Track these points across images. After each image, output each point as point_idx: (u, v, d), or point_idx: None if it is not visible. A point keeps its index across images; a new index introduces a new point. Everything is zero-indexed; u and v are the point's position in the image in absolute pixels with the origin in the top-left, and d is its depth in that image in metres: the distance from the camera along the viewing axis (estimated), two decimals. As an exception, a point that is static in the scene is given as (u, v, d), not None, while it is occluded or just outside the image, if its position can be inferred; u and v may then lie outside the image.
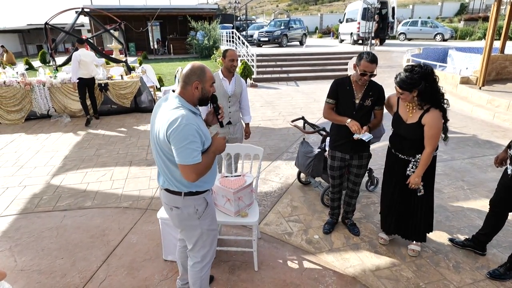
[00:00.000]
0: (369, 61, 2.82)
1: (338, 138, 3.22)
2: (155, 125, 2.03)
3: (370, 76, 2.88)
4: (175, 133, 1.88)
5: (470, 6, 41.51)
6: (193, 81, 2.02)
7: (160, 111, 2.03)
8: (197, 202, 2.16)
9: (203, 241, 2.26)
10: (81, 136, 6.80)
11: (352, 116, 3.02)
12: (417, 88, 2.61)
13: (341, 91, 3.08)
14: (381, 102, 3.08)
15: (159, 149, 2.03)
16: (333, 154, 3.30)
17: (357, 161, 3.24)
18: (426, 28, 24.03)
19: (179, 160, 1.92)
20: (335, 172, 3.35)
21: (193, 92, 2.03)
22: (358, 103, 3.03)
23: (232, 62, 3.65)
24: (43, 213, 3.97)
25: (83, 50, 7.24)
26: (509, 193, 2.81)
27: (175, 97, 2.03)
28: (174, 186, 2.10)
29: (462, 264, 3.06)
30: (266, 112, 8.55)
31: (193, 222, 2.19)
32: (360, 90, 3.03)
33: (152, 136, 2.09)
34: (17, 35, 29.66)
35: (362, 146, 3.15)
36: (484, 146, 6.03)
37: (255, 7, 77.09)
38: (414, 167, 2.88)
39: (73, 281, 2.89)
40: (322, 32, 35.67)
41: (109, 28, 12.03)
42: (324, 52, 16.15)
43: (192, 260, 2.33)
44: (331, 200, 3.58)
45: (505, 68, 10.30)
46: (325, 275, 2.94)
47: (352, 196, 3.49)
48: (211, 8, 26.73)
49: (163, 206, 2.25)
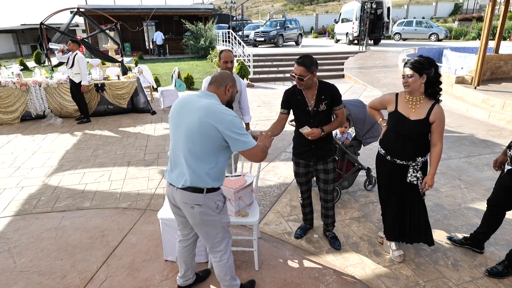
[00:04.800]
0: (297, 63, 2.77)
1: (298, 146, 3.14)
2: (189, 120, 2.09)
3: (299, 79, 2.78)
4: (232, 124, 2.05)
5: (464, 6, 41.80)
6: (227, 83, 2.23)
7: (197, 105, 2.10)
8: (217, 197, 2.24)
9: (223, 233, 2.37)
10: (78, 136, 6.76)
11: (309, 124, 2.92)
12: (427, 72, 2.61)
13: (293, 101, 3.01)
14: (337, 102, 2.94)
15: (195, 143, 2.08)
16: (297, 161, 3.20)
17: (322, 166, 3.12)
18: (421, 28, 24.18)
19: (244, 145, 2.08)
20: (301, 178, 3.27)
21: (225, 93, 2.23)
22: (312, 110, 2.94)
23: (226, 64, 3.64)
24: (41, 214, 3.95)
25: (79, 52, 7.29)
26: (507, 192, 2.84)
27: (211, 95, 2.16)
28: (201, 182, 2.14)
29: (461, 262, 3.09)
30: (263, 112, 8.57)
31: (214, 217, 2.26)
32: (311, 97, 2.93)
33: (180, 133, 2.15)
34: (11, 35, 29.40)
35: (324, 153, 3.07)
36: (480, 145, 6.08)
37: (251, 7, 77.09)
38: (415, 172, 2.80)
39: (73, 282, 2.88)
40: (317, 32, 35.77)
41: (105, 28, 11.97)
42: (320, 52, 16.20)
43: (216, 255, 2.39)
44: (302, 206, 3.50)
45: (499, 68, 10.40)
46: (325, 274, 2.96)
47: (327, 207, 3.30)
48: (207, 8, 26.72)
49: (181, 206, 2.25)
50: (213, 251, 2.39)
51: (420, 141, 2.75)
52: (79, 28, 30.68)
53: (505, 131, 6.82)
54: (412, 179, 2.83)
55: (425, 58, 2.66)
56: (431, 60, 2.66)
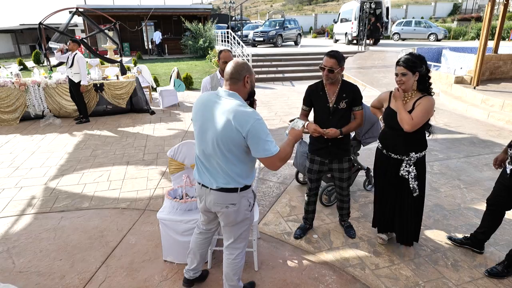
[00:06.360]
0: (328, 56, 2.88)
1: (315, 143, 3.21)
2: (215, 124, 2.06)
3: (328, 71, 2.87)
4: (254, 129, 1.99)
5: (463, 6, 41.87)
6: (244, 75, 2.14)
7: (220, 108, 2.07)
8: (249, 195, 2.27)
9: (247, 231, 2.40)
10: (76, 137, 6.75)
11: (329, 121, 3.01)
12: (419, 70, 2.71)
13: (314, 97, 3.11)
14: (358, 102, 3.02)
15: (223, 147, 2.06)
16: (312, 158, 3.27)
17: (337, 165, 3.20)
18: (420, 28, 24.23)
19: (264, 153, 2.03)
20: (312, 175, 3.32)
21: (244, 86, 2.16)
22: (332, 107, 3.01)
23: (225, 64, 3.63)
24: (40, 215, 3.94)
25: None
26: (507, 192, 2.84)
27: (233, 94, 2.10)
28: (234, 183, 2.15)
29: (460, 263, 3.09)
30: (263, 112, 8.56)
31: (246, 215, 2.30)
32: (333, 93, 3.01)
33: (207, 136, 2.11)
34: (10, 35, 29.33)
35: (340, 151, 3.13)
36: (479, 145, 6.08)
37: (249, 7, 77.07)
38: (407, 166, 2.88)
39: (72, 282, 2.87)
40: (316, 32, 35.80)
41: (104, 28, 11.95)
42: (319, 52, 16.18)
43: (234, 252, 2.39)
44: (306, 203, 3.51)
45: (498, 68, 10.41)
46: (325, 275, 2.96)
47: (343, 201, 3.44)
48: (206, 8, 26.67)
49: (215, 207, 2.24)
50: (232, 248, 2.39)
51: (411, 135, 2.81)
52: (78, 28, 30.66)
53: (504, 131, 6.82)
54: (404, 173, 2.92)
55: (416, 56, 2.75)
56: (422, 57, 2.76)
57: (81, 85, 7.37)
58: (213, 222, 2.54)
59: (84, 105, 7.72)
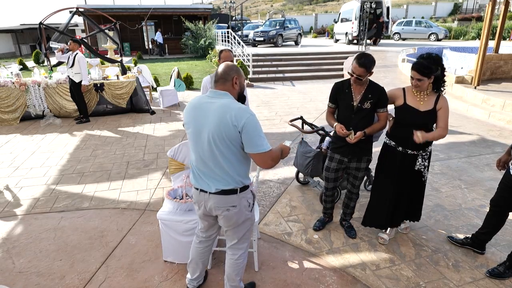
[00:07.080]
0: (358, 64, 2.86)
1: (337, 141, 3.22)
2: (209, 124, 2.06)
3: (357, 78, 2.89)
4: (249, 123, 1.99)
5: (463, 6, 41.84)
6: (232, 76, 2.14)
7: (214, 106, 2.07)
8: (248, 195, 2.27)
9: (250, 232, 2.42)
10: (77, 136, 6.74)
11: (351, 119, 3.02)
12: (434, 74, 2.77)
13: (340, 94, 3.11)
14: (383, 104, 3.00)
15: (220, 144, 2.05)
16: (332, 156, 3.29)
17: (355, 164, 3.21)
18: (420, 28, 24.18)
19: (257, 148, 2.03)
20: (330, 173, 3.34)
21: (233, 87, 2.16)
22: (356, 105, 3.01)
23: None
24: (40, 215, 3.93)
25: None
26: (511, 193, 2.83)
27: (224, 94, 2.11)
28: (234, 183, 2.15)
29: (462, 263, 3.08)
30: (263, 112, 8.55)
31: (247, 215, 2.30)
32: (358, 93, 3.01)
33: (202, 139, 2.11)
34: (10, 35, 29.35)
35: (363, 150, 3.15)
36: (480, 145, 6.07)
37: (250, 7, 77.06)
38: (423, 161, 2.98)
39: (72, 282, 2.86)
40: (317, 32, 35.76)
41: (104, 28, 11.95)
42: (319, 52, 16.18)
43: (236, 252, 2.40)
44: (325, 202, 3.57)
45: (499, 67, 10.40)
46: (326, 275, 2.95)
47: (351, 198, 3.45)
48: (206, 8, 26.67)
49: (215, 210, 2.23)
50: (235, 248, 2.40)
51: (429, 131, 2.90)
52: (78, 28, 30.67)
53: (505, 131, 6.81)
54: (420, 167, 3.03)
55: (432, 60, 2.80)
56: (437, 60, 2.81)
57: (82, 85, 7.37)
58: (212, 228, 2.50)
59: (84, 105, 7.72)
